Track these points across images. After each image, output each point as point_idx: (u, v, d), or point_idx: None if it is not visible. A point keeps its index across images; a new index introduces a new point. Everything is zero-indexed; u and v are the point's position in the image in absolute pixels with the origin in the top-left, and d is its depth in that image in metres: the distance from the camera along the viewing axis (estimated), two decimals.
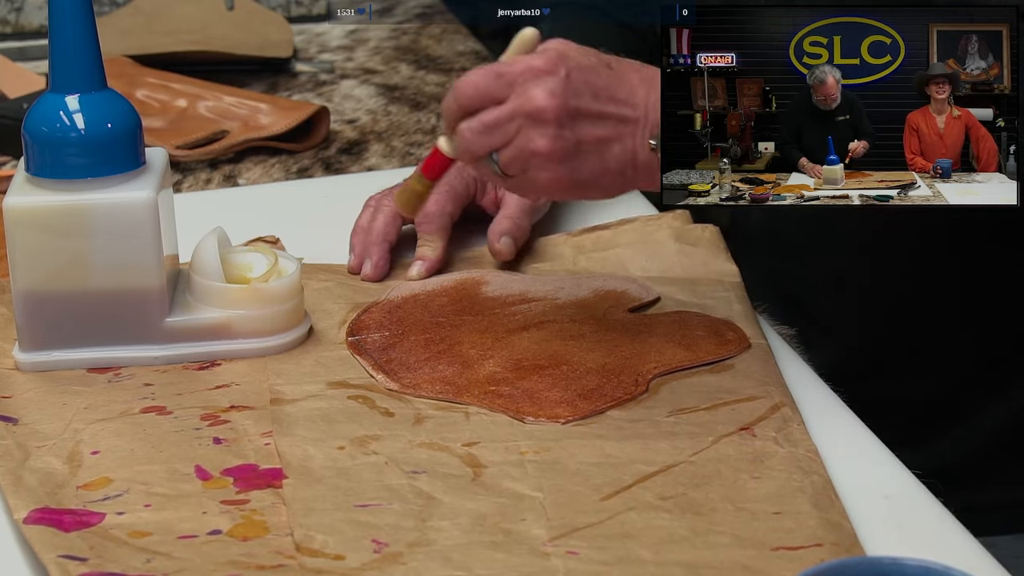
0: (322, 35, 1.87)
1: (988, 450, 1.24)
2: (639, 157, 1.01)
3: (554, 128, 0.99)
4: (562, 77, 0.99)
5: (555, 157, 0.99)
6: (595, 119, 1.00)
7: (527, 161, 1.00)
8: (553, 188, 1.02)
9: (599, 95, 1.00)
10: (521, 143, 1.00)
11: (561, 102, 0.99)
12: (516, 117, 1.00)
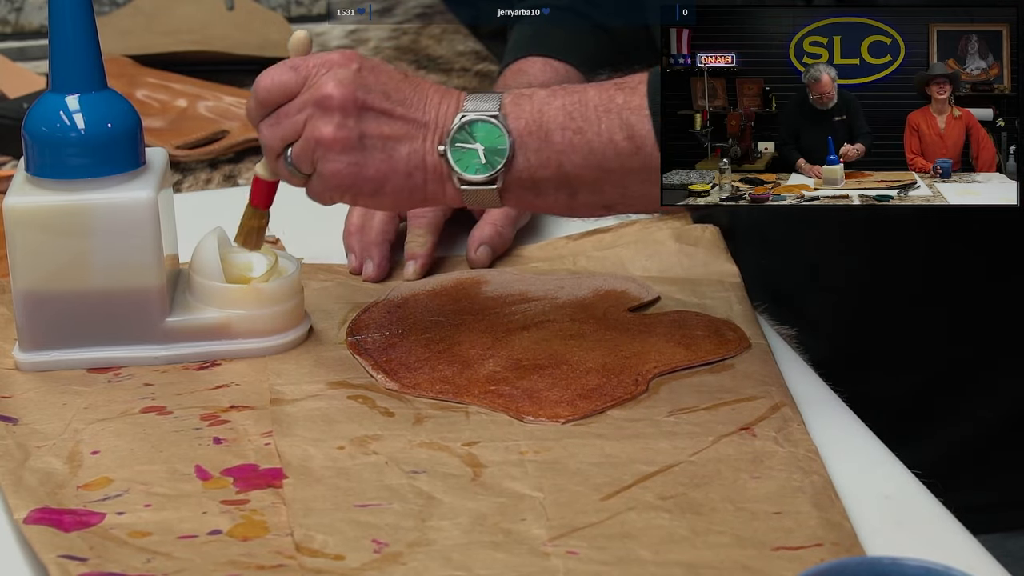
0: (322, 35, 1.87)
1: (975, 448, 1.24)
2: (428, 160, 1.02)
3: (339, 116, 1.01)
4: (353, 70, 1.01)
5: (337, 146, 1.01)
6: (382, 115, 1.02)
7: (314, 152, 1.01)
8: (339, 181, 1.02)
9: (389, 95, 1.02)
10: (308, 132, 1.01)
11: (348, 92, 1.01)
12: (306, 107, 1.01)
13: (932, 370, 1.24)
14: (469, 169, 1.02)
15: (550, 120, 1.02)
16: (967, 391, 1.23)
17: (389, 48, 1.82)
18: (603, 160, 1.01)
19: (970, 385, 1.23)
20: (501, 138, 1.01)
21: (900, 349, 1.25)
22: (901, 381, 1.24)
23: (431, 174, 1.02)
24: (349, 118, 1.01)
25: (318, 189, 1.04)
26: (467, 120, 1.02)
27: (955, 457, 1.23)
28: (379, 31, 1.88)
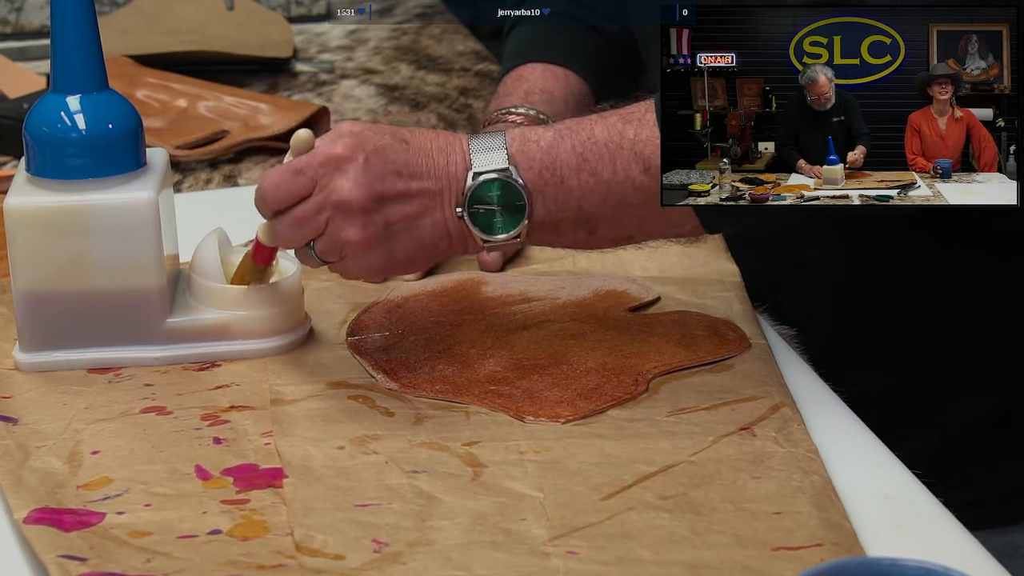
0: (322, 35, 1.87)
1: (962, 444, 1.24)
2: (450, 227, 1.03)
3: (362, 217, 1.01)
4: (361, 163, 1.01)
5: (367, 244, 1.02)
6: (401, 198, 1.02)
7: (341, 250, 1.02)
8: (372, 271, 1.04)
9: (400, 173, 1.02)
10: (333, 233, 1.02)
11: (365, 191, 1.01)
12: (324, 209, 1.01)
13: (915, 369, 1.24)
14: (491, 230, 1.03)
15: (563, 165, 1.02)
16: (951, 390, 1.23)
17: (389, 48, 1.82)
18: (622, 197, 1.02)
19: (955, 383, 1.23)
20: (517, 194, 1.02)
21: (882, 348, 1.24)
22: (884, 380, 1.24)
23: (455, 238, 1.04)
24: (373, 215, 1.01)
25: (346, 273, 1.05)
26: (480, 181, 1.02)
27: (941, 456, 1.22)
28: (379, 31, 1.88)
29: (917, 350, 1.24)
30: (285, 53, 1.74)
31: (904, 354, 1.24)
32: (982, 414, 1.23)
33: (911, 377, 1.24)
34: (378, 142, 1.02)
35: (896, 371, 1.24)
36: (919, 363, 1.24)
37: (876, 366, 1.25)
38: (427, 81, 1.71)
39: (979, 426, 1.24)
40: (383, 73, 1.74)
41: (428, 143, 1.03)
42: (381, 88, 1.68)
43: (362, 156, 1.01)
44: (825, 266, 1.25)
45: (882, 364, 1.25)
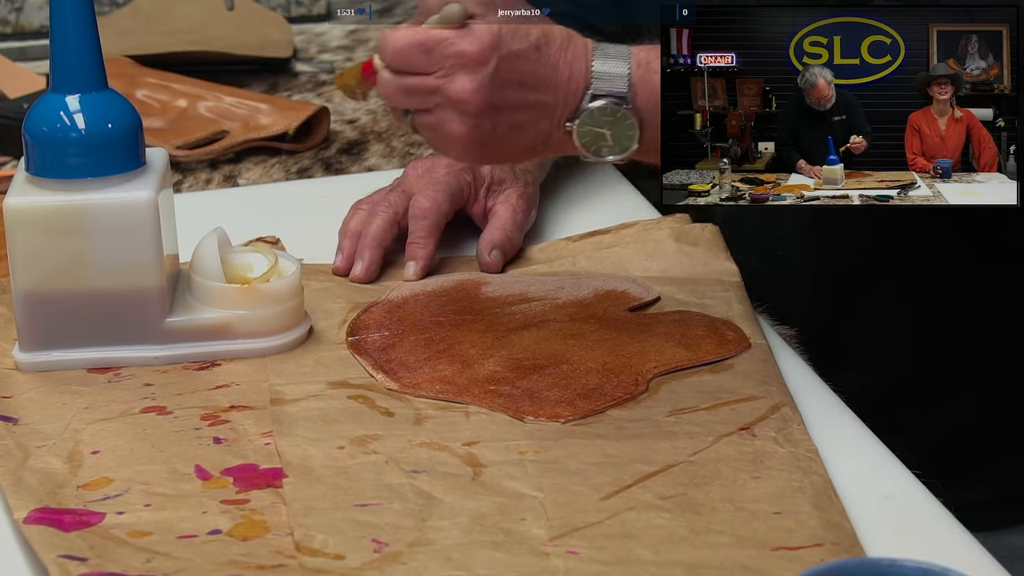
0: (322, 35, 1.87)
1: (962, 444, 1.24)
2: (552, 137, 1.04)
3: (473, 119, 1.02)
4: (491, 70, 1.01)
5: (467, 141, 1.03)
6: (515, 108, 1.02)
7: (439, 133, 1.03)
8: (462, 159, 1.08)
9: (524, 84, 1.02)
10: (439, 120, 1.02)
11: (484, 97, 1.01)
12: (438, 94, 1.02)
13: (914, 368, 1.24)
14: (598, 152, 1.03)
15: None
16: (951, 389, 1.23)
17: None
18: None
19: (955, 383, 1.23)
20: (630, 124, 1.02)
21: (874, 346, 1.24)
22: (875, 378, 1.24)
23: (554, 146, 1.04)
24: (483, 119, 1.02)
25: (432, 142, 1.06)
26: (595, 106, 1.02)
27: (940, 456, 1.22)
28: (379, 31, 1.87)
29: (917, 349, 1.24)
30: (285, 53, 1.74)
31: (903, 353, 1.24)
32: (982, 413, 1.23)
33: (910, 376, 1.24)
34: (513, 47, 1.02)
35: (894, 370, 1.24)
36: (918, 362, 1.24)
37: (874, 365, 1.25)
38: None
39: (979, 426, 1.24)
40: None
41: (558, 54, 1.03)
42: None
43: (494, 62, 1.01)
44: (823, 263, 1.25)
45: (880, 363, 1.25)
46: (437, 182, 1.21)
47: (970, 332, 1.23)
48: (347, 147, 1.51)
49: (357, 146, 1.52)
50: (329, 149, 1.51)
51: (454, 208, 1.22)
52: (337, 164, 1.48)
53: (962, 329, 1.23)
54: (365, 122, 1.58)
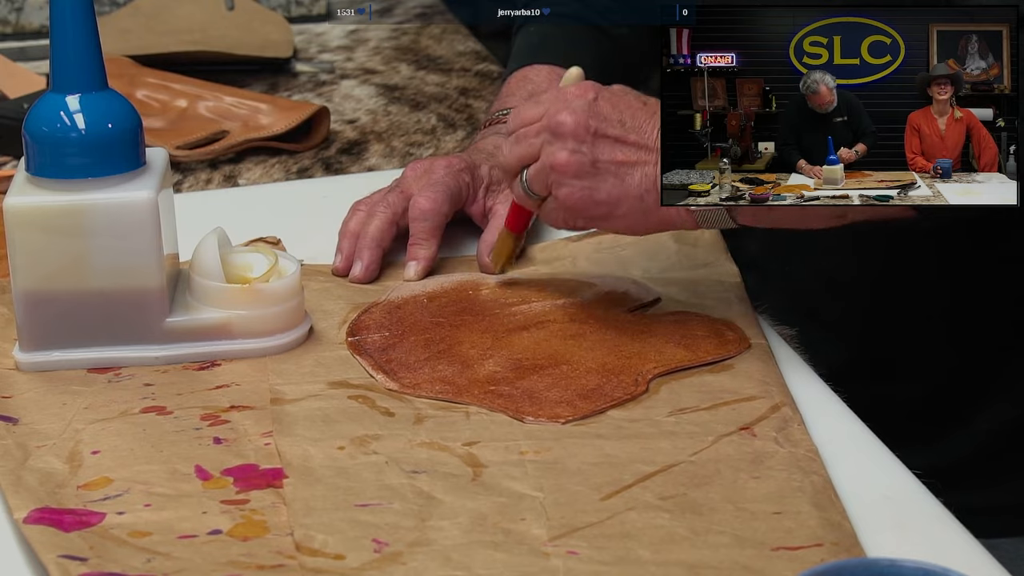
0: (322, 35, 1.87)
1: (987, 452, 1.24)
2: (659, 183, 1.03)
3: (572, 143, 1.04)
4: (589, 100, 1.04)
5: (571, 170, 1.04)
6: (615, 142, 1.04)
7: (548, 175, 1.05)
8: (572, 204, 1.05)
9: (624, 123, 1.04)
10: (543, 157, 1.05)
11: (581, 119, 1.03)
12: (542, 132, 1.05)
13: (944, 375, 1.24)
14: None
15: None
16: (981, 394, 1.23)
17: (389, 48, 1.82)
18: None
19: (984, 388, 1.23)
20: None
21: (916, 355, 1.24)
22: (916, 386, 1.24)
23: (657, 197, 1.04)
24: (583, 144, 1.04)
25: (551, 211, 1.08)
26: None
27: (968, 460, 1.23)
28: (379, 31, 1.88)
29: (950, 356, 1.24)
30: (285, 53, 1.74)
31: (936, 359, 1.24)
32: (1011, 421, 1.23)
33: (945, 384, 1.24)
34: (617, 91, 1.06)
35: (929, 378, 1.24)
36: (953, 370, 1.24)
37: (909, 374, 1.25)
38: (427, 81, 1.71)
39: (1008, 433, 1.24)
40: (383, 73, 1.74)
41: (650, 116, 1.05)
42: (381, 88, 1.68)
43: (592, 95, 1.05)
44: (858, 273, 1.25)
45: (915, 372, 1.25)
46: (436, 183, 1.21)
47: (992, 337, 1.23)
48: (347, 147, 1.51)
49: (357, 146, 1.52)
50: (329, 149, 1.51)
51: (453, 209, 1.22)
52: (337, 164, 1.48)
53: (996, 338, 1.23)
54: (365, 122, 1.58)
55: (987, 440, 1.23)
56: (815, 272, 1.28)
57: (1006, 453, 1.24)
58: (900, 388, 1.24)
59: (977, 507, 0.97)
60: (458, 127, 1.57)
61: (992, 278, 1.22)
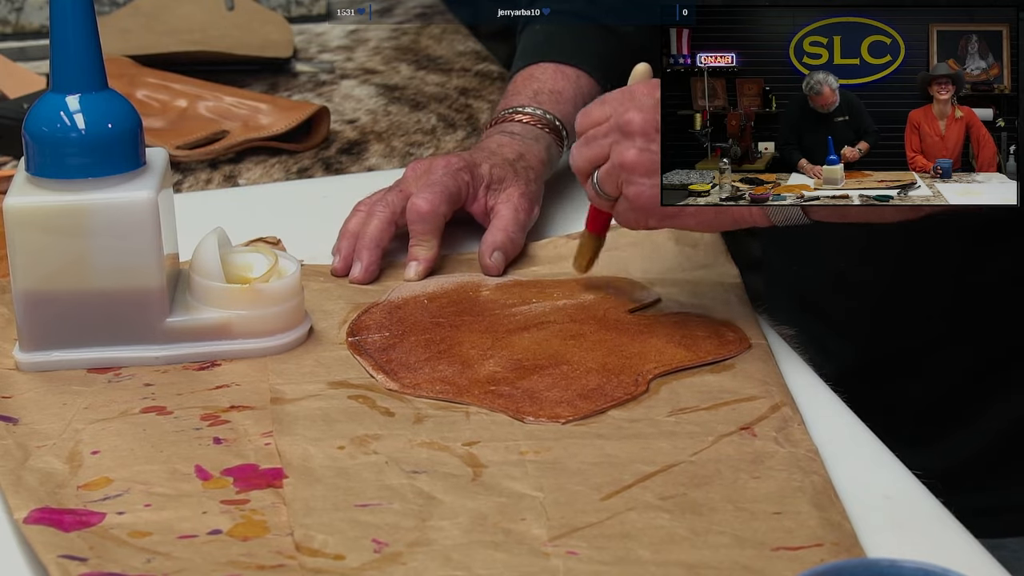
0: (322, 35, 1.87)
1: (990, 453, 1.24)
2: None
3: (640, 140, 1.03)
4: (656, 98, 1.03)
5: (640, 168, 1.03)
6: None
7: (618, 175, 1.05)
8: (643, 203, 1.05)
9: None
10: (613, 156, 1.05)
11: (650, 117, 1.03)
12: (611, 132, 1.05)
13: (949, 376, 1.24)
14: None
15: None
16: (984, 396, 1.23)
17: (389, 48, 1.82)
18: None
19: (988, 390, 1.23)
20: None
21: (924, 356, 1.24)
22: (925, 386, 1.24)
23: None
24: (651, 142, 1.03)
25: (624, 212, 1.07)
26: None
27: (969, 463, 1.23)
28: (379, 31, 1.88)
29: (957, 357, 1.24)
30: (285, 53, 1.74)
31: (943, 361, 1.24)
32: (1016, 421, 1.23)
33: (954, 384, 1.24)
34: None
35: (937, 379, 1.24)
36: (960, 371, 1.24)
37: (918, 374, 1.25)
38: (427, 81, 1.71)
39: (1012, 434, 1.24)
40: (383, 73, 1.74)
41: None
42: (381, 88, 1.68)
43: (658, 93, 1.04)
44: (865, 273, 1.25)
45: (924, 372, 1.25)
46: (435, 183, 1.21)
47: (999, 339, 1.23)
48: (347, 147, 1.51)
49: (357, 146, 1.52)
50: (329, 149, 1.51)
51: (452, 208, 1.22)
52: (337, 164, 1.48)
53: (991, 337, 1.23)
54: (365, 122, 1.58)
55: (991, 440, 1.23)
56: (822, 272, 1.28)
57: (1010, 453, 1.24)
58: (906, 388, 1.24)
59: (979, 507, 0.97)
60: (458, 127, 1.57)
61: (997, 279, 1.22)
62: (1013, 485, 1.23)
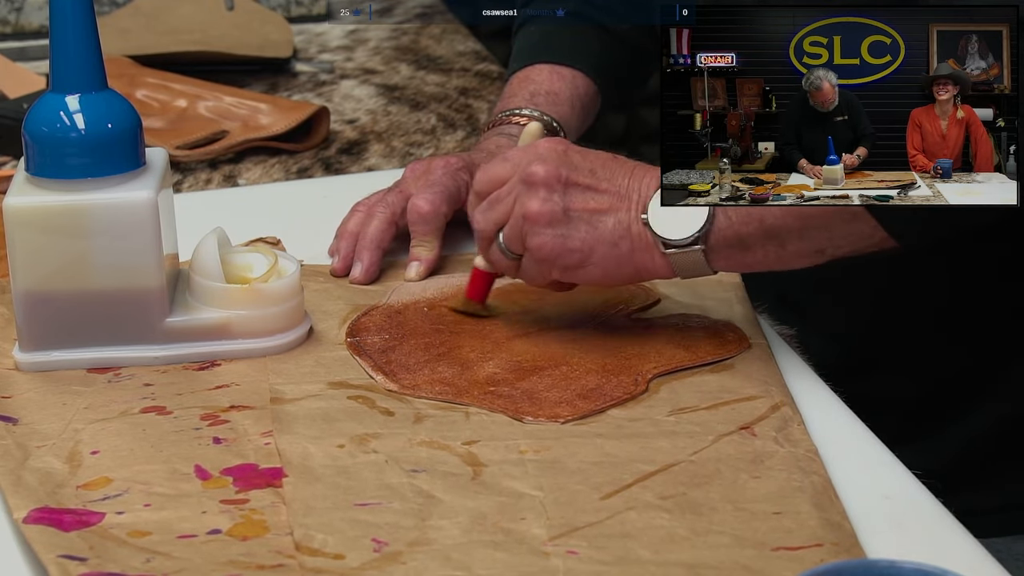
0: (322, 35, 1.87)
1: (982, 451, 1.24)
2: (633, 228, 1.04)
3: (543, 191, 1.03)
4: (559, 152, 1.05)
5: (543, 219, 1.03)
6: (587, 190, 1.04)
7: (522, 228, 1.04)
8: (546, 254, 1.04)
9: (595, 172, 1.05)
10: (516, 210, 1.05)
11: (552, 169, 1.04)
12: (514, 188, 1.05)
13: (940, 373, 1.24)
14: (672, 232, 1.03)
15: None
16: (976, 393, 1.23)
17: (389, 48, 1.83)
18: (801, 209, 1.01)
19: (980, 387, 1.23)
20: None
21: (909, 352, 1.24)
22: (908, 383, 1.24)
23: (636, 243, 1.04)
24: (554, 193, 1.04)
25: (528, 267, 1.07)
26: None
27: (963, 460, 1.23)
28: (379, 31, 1.88)
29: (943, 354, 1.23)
30: (285, 53, 1.74)
31: (929, 358, 1.24)
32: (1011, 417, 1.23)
33: (936, 380, 1.24)
34: (585, 149, 1.07)
35: (922, 376, 1.24)
36: (944, 367, 1.23)
37: (900, 369, 1.25)
38: (427, 81, 1.71)
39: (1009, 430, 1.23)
40: (383, 73, 1.74)
41: (631, 163, 1.06)
42: (381, 88, 1.68)
43: (562, 147, 1.05)
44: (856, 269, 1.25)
45: (906, 368, 1.25)
46: (434, 183, 1.21)
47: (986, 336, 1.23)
48: (347, 147, 1.51)
49: (357, 146, 1.52)
50: (329, 149, 1.51)
51: (452, 208, 1.22)
52: (337, 164, 1.48)
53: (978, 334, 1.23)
54: (365, 122, 1.58)
55: (981, 439, 1.23)
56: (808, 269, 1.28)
57: (1001, 451, 1.24)
58: (894, 386, 1.24)
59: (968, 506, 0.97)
60: (458, 127, 1.57)
61: (990, 275, 1.21)
62: (1007, 484, 1.23)
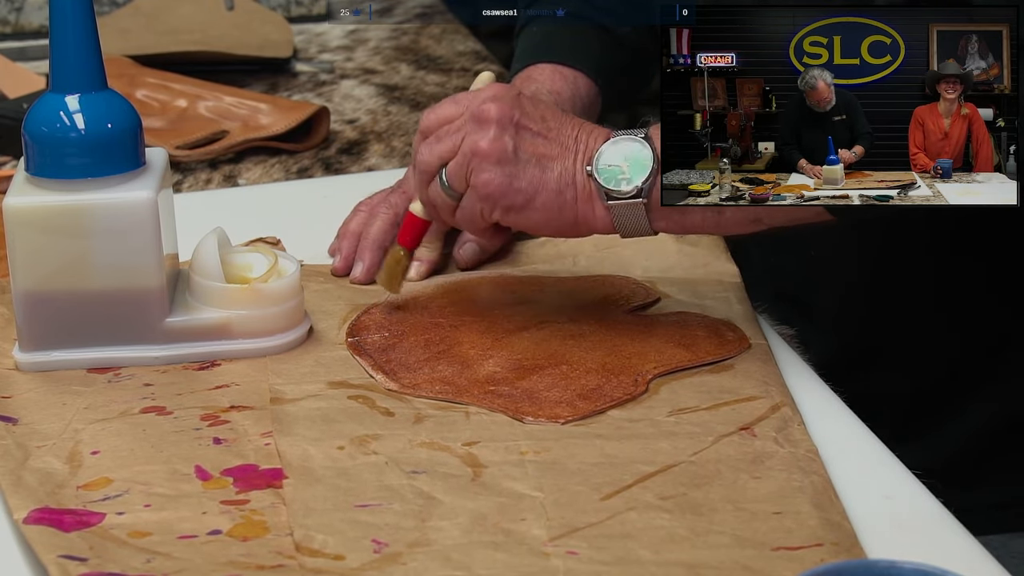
0: (322, 35, 1.87)
1: (980, 448, 1.24)
2: (578, 178, 1.04)
3: (495, 129, 1.04)
4: (512, 96, 1.05)
5: (493, 156, 1.04)
6: (536, 135, 1.05)
7: (468, 164, 1.04)
8: (491, 191, 1.04)
9: (545, 120, 1.05)
10: (464, 146, 1.05)
11: (507, 109, 1.04)
12: (464, 125, 1.05)
13: (938, 369, 1.24)
14: (617, 184, 1.03)
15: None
16: (972, 390, 1.23)
17: (389, 48, 1.82)
18: None
19: (976, 384, 1.23)
20: (645, 153, 1.03)
21: (905, 348, 1.24)
22: (906, 380, 1.24)
23: (580, 192, 1.04)
24: (505, 133, 1.04)
25: (469, 207, 1.06)
26: (612, 140, 1.04)
27: (959, 457, 1.23)
28: (379, 31, 1.88)
29: (940, 350, 1.24)
30: (285, 53, 1.74)
31: (927, 354, 1.24)
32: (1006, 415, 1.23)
33: (934, 377, 1.24)
34: (534, 97, 1.08)
35: (919, 372, 1.24)
36: (941, 363, 1.24)
37: (898, 366, 1.25)
38: (427, 81, 1.71)
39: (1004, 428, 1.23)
40: (383, 73, 1.74)
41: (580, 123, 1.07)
42: (381, 88, 1.68)
43: (515, 92, 1.06)
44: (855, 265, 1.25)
45: (905, 364, 1.25)
46: None
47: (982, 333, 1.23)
48: (347, 147, 1.51)
49: (357, 146, 1.52)
50: (329, 149, 1.51)
51: None
52: (337, 164, 1.48)
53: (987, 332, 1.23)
54: (365, 122, 1.58)
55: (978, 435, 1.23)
56: (802, 264, 1.28)
57: (997, 448, 1.24)
58: (892, 382, 1.24)
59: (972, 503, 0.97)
60: None
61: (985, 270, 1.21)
62: (1004, 481, 1.23)
